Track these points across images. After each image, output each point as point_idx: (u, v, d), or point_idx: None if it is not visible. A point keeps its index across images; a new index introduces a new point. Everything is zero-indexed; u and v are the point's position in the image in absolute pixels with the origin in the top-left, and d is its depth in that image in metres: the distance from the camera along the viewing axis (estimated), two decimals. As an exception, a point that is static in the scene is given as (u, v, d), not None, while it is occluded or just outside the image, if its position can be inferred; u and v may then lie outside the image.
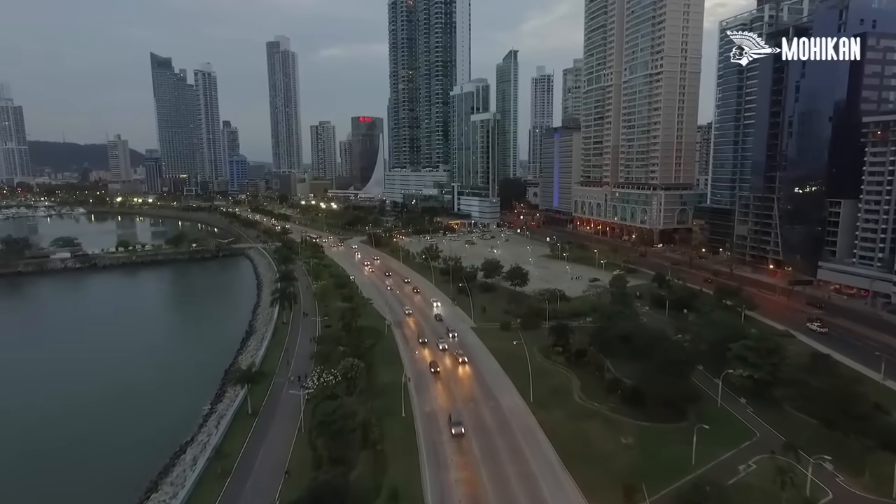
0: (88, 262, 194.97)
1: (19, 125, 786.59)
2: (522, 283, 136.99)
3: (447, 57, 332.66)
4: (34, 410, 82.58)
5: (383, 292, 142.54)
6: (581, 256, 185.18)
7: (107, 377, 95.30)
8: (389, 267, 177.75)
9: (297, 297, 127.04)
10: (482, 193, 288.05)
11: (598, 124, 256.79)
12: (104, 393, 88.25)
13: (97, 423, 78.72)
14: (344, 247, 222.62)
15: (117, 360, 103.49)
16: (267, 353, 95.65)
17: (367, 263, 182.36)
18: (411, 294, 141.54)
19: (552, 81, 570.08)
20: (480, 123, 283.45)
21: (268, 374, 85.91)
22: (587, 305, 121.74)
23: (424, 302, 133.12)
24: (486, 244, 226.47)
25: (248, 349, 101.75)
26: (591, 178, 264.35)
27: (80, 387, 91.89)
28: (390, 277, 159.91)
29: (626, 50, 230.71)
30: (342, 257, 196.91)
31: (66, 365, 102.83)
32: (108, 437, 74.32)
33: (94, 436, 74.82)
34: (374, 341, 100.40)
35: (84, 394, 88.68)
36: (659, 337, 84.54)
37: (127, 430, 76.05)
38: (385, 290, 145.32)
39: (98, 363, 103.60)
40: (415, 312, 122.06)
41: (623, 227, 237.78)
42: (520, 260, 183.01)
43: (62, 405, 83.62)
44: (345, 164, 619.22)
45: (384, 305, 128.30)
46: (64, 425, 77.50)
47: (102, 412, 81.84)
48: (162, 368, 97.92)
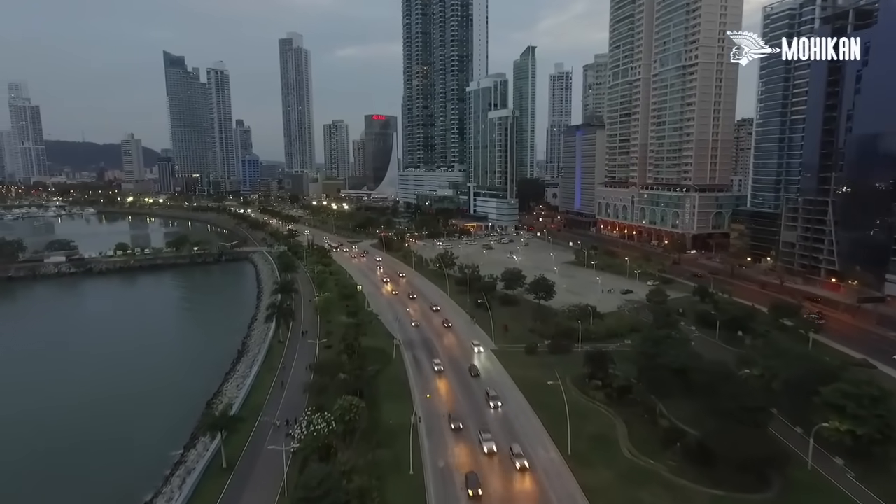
0: (84, 266, 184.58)
1: (36, 125, 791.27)
2: (548, 295, 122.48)
3: (463, 51, 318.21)
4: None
5: (395, 309, 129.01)
6: (609, 264, 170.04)
7: (68, 411, 79.70)
8: (408, 281, 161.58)
9: (295, 314, 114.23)
10: (500, 194, 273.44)
11: (625, 121, 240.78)
12: (59, 433, 73.53)
13: (38, 477, 65.15)
14: (359, 254, 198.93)
15: (85, 385, 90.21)
16: (256, 382, 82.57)
17: (387, 279, 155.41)
18: (431, 316, 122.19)
19: (571, 79, 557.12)
20: (498, 120, 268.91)
21: (254, 410, 72.92)
22: (624, 324, 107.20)
23: (454, 339, 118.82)
24: (504, 249, 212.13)
25: (236, 374, 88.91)
26: (617, 179, 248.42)
27: (22, 430, 75.25)
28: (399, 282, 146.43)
29: (656, 41, 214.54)
30: (356, 267, 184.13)
31: (13, 394, 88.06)
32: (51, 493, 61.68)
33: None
34: (379, 366, 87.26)
35: (28, 438, 73.17)
36: (722, 373, 69.73)
37: (79, 482, 63.41)
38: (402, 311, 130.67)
39: (60, 390, 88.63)
40: (443, 357, 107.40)
41: (652, 232, 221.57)
42: (542, 268, 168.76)
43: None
44: (358, 164, 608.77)
45: (392, 319, 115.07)
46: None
47: (51, 461, 68.11)
48: (134, 399, 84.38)
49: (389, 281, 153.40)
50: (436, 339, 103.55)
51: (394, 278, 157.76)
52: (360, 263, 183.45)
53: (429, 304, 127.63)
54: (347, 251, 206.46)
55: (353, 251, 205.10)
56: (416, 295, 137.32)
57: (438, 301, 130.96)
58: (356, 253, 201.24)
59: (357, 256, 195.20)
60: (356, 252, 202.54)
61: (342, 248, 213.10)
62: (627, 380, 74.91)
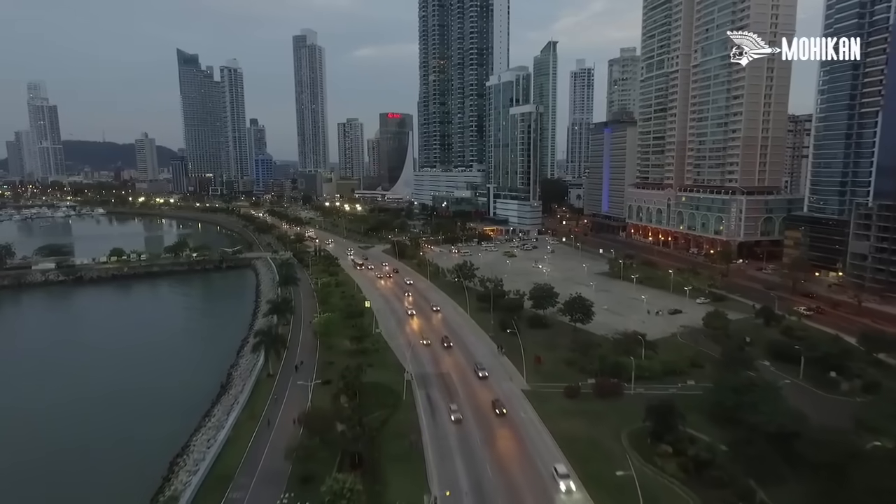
0: (74, 274, 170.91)
1: (54, 124, 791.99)
2: (586, 318, 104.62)
3: (483, 44, 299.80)
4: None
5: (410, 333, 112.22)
6: (649, 276, 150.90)
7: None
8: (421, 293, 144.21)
9: (290, 338, 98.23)
10: (522, 196, 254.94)
11: (660, 117, 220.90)
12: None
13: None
14: (387, 274, 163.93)
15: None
16: (232, 435, 66.23)
17: (413, 310, 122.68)
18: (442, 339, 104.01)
19: (593, 75, 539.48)
20: (521, 117, 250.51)
21: (221, 481, 56.60)
22: (681, 357, 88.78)
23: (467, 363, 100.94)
24: (528, 256, 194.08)
25: (210, 422, 72.59)
26: (650, 180, 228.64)
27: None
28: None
29: (697, 28, 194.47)
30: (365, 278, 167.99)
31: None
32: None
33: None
34: (385, 412, 70.59)
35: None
36: (845, 446, 51.36)
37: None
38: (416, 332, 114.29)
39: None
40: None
41: (691, 238, 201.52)
42: (573, 279, 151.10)
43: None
44: (372, 164, 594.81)
45: (403, 341, 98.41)
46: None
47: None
48: (72, 466, 66.19)
49: (416, 314, 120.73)
50: (455, 372, 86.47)
51: (425, 312, 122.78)
52: (384, 286, 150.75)
53: (450, 331, 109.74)
54: (373, 269, 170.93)
55: (383, 269, 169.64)
56: (437, 308, 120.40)
57: (459, 324, 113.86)
58: (385, 272, 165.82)
59: (384, 276, 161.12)
60: (386, 271, 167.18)
61: (366, 266, 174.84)
62: (709, 450, 56.69)
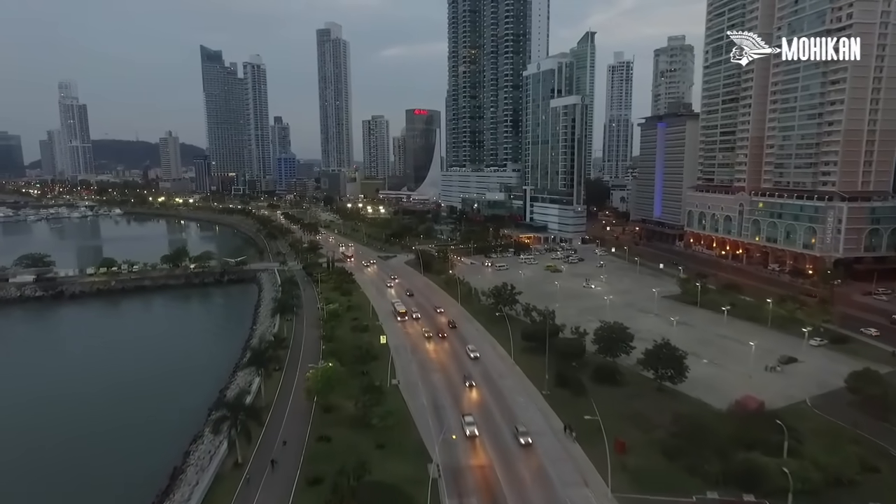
0: (54, 288, 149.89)
1: (83, 123, 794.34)
2: (678, 375, 76.08)
3: (519, 29, 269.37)
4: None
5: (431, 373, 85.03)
6: (734, 302, 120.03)
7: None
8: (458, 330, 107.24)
9: (267, 409, 72.35)
10: (563, 200, 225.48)
11: (730, 108, 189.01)
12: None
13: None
14: (413, 310, 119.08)
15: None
16: None
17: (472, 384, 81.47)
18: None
19: (632, 69, 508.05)
20: (563, 110, 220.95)
21: None
22: (840, 450, 59.47)
23: (535, 462, 71.48)
24: (575, 272, 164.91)
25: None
26: (716, 182, 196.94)
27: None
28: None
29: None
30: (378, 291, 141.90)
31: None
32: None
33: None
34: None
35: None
36: None
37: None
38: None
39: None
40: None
41: (770, 252, 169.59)
42: (636, 304, 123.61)
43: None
44: (398, 163, 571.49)
45: (428, 402, 71.94)
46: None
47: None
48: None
49: (447, 356, 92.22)
50: (503, 466, 59.38)
51: (459, 355, 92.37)
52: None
53: (491, 388, 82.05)
54: (420, 320, 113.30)
55: (438, 321, 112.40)
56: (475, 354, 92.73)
57: (500, 373, 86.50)
58: (439, 328, 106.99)
59: (437, 336, 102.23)
60: (440, 325, 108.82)
61: (410, 313, 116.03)
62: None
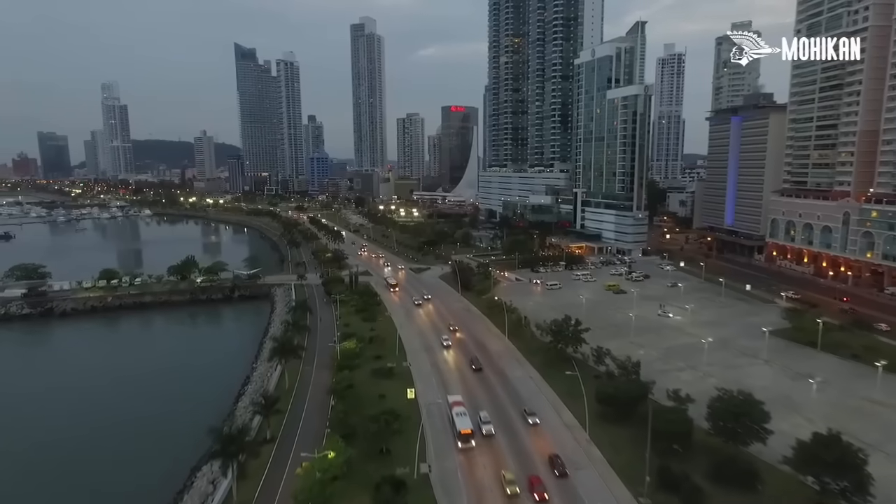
0: (44, 305, 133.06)
1: (124, 123, 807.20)
2: (858, 492, 49.18)
3: (570, 12, 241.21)
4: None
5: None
6: (868, 346, 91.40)
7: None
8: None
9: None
10: (621, 205, 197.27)
11: (828, 98, 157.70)
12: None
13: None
14: None
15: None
16: None
17: None
18: None
19: (684, 62, 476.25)
20: (622, 102, 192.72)
21: None
22: None
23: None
24: (643, 293, 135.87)
25: None
26: (810, 185, 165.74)
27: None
28: None
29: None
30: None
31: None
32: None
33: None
34: None
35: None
36: None
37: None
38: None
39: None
40: None
41: (886, 272, 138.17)
42: (733, 344, 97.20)
43: None
44: (433, 162, 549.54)
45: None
46: None
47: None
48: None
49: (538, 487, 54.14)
50: None
51: (511, 424, 67.81)
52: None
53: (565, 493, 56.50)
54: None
55: None
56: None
57: (574, 461, 61.25)
58: None
59: None
60: None
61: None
62: None
